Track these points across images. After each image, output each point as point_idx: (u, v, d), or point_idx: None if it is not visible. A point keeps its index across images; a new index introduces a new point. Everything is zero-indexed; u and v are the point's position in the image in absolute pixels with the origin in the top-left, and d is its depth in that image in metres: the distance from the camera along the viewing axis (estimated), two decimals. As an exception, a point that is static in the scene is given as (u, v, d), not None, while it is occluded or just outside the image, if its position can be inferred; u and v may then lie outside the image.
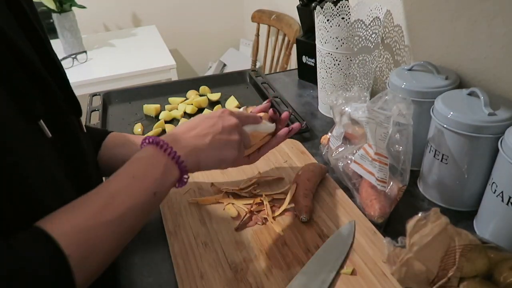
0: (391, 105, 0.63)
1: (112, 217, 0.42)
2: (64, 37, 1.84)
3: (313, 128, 0.96)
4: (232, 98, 1.09)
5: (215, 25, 2.53)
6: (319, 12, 0.93)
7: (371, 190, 0.68)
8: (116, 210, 0.43)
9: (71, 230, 0.39)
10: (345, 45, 0.88)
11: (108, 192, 0.44)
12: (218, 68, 2.49)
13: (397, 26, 0.96)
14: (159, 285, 0.59)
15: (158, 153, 0.48)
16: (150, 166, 0.47)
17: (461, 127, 0.62)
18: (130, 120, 1.03)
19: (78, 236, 0.39)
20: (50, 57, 0.50)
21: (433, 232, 0.48)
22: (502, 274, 0.48)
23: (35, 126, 0.43)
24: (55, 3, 1.74)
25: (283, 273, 0.57)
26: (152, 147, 0.49)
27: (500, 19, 0.70)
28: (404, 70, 0.79)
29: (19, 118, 0.40)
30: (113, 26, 2.34)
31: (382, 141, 0.64)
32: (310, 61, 1.17)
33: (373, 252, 0.59)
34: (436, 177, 0.70)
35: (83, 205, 0.42)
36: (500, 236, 0.61)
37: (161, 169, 0.47)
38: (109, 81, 1.73)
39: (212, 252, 0.61)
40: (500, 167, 0.59)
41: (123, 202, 0.44)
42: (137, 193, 0.45)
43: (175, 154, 0.49)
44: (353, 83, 0.94)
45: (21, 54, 0.41)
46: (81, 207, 0.42)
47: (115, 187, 0.45)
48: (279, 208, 0.68)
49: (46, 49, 0.49)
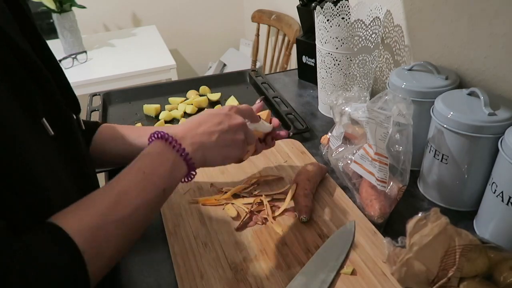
0: (391, 105, 0.63)
1: (124, 213, 0.43)
2: (64, 37, 1.84)
3: (313, 128, 0.96)
4: (232, 98, 1.09)
5: (215, 25, 2.53)
6: (319, 12, 0.93)
7: (371, 190, 0.67)
8: (127, 206, 0.44)
9: (85, 227, 0.40)
10: (345, 45, 0.88)
11: (119, 188, 0.45)
12: (218, 68, 2.49)
13: (397, 26, 0.96)
14: (159, 285, 0.59)
15: (167, 149, 0.49)
16: (159, 162, 0.48)
17: (461, 127, 0.62)
18: (130, 120, 1.03)
19: (92, 233, 0.40)
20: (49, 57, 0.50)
21: (433, 232, 0.48)
22: (502, 274, 0.48)
23: (38, 124, 0.43)
24: (55, 3, 1.74)
25: (283, 273, 0.57)
26: (161, 142, 0.50)
27: (500, 19, 0.70)
28: (404, 70, 0.79)
29: (24, 116, 0.40)
30: (113, 26, 2.34)
31: (382, 141, 0.64)
32: (310, 61, 1.17)
33: (373, 252, 0.59)
34: (436, 177, 0.70)
35: (95, 202, 0.43)
36: (500, 236, 0.61)
37: (169, 166, 0.48)
38: (109, 81, 1.73)
39: (212, 252, 0.61)
40: (500, 167, 0.59)
41: (134, 198, 0.45)
42: (148, 189, 0.46)
43: (183, 150, 0.49)
44: (353, 83, 0.94)
45: (22, 53, 0.42)
46: (94, 204, 0.43)
47: (126, 183, 0.46)
48: (279, 208, 0.68)
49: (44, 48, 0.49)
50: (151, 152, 0.49)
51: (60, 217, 0.41)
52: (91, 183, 0.57)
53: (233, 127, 0.55)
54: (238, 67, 2.06)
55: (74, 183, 0.48)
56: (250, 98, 1.12)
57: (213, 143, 0.53)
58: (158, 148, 0.49)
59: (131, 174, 0.47)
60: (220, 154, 0.54)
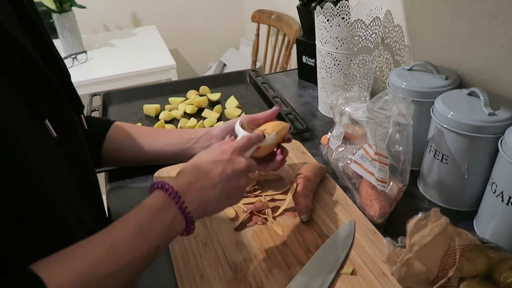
0: (391, 105, 0.63)
1: (112, 269, 0.41)
2: (64, 37, 1.84)
3: (313, 128, 0.96)
4: (232, 98, 1.09)
5: (215, 25, 2.53)
6: (319, 12, 0.93)
7: (371, 190, 0.68)
8: (117, 261, 0.41)
9: (68, 282, 0.37)
10: (345, 45, 0.88)
11: (111, 239, 0.42)
12: (218, 68, 2.49)
13: (397, 26, 0.96)
14: (159, 285, 0.59)
15: (168, 205, 0.47)
16: (158, 218, 0.46)
17: (461, 127, 0.62)
18: (130, 120, 1.03)
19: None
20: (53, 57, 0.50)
21: (433, 232, 0.48)
22: (502, 274, 0.48)
23: (40, 125, 0.42)
24: (55, 3, 1.74)
25: (283, 273, 0.57)
26: (162, 194, 0.47)
27: (500, 19, 0.70)
28: (404, 70, 0.79)
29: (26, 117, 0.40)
30: (113, 26, 2.34)
31: (382, 141, 0.64)
32: (310, 61, 1.17)
33: (373, 252, 0.59)
34: (436, 177, 0.70)
35: (84, 253, 0.40)
36: (500, 236, 0.61)
37: (168, 222, 0.46)
38: (109, 81, 1.73)
39: (212, 252, 0.61)
40: (500, 167, 0.58)
41: (125, 253, 0.42)
42: (141, 245, 0.44)
43: (185, 208, 0.47)
44: (353, 83, 0.94)
45: (26, 53, 0.41)
46: (81, 255, 0.40)
47: (119, 235, 0.43)
48: (279, 208, 0.68)
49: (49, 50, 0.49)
50: (152, 205, 0.47)
51: (42, 266, 0.38)
52: (91, 183, 0.57)
53: (237, 172, 0.53)
54: (238, 67, 2.06)
55: (75, 184, 0.48)
56: (250, 98, 1.12)
57: (215, 197, 0.51)
58: (159, 202, 0.47)
59: (127, 226, 0.44)
60: (221, 206, 0.54)
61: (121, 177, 0.80)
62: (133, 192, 0.77)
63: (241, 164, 0.54)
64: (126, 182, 0.80)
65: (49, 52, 0.49)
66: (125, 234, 0.43)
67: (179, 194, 0.48)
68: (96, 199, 0.59)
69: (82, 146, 0.55)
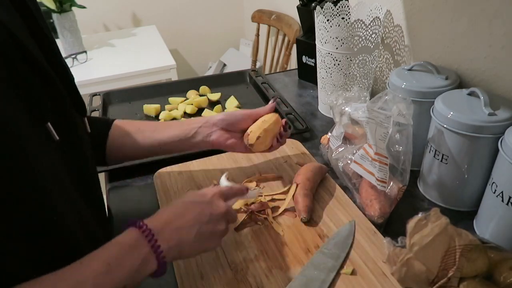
0: (391, 105, 0.63)
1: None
2: (64, 37, 1.84)
3: (313, 128, 0.96)
4: (232, 98, 1.09)
5: (215, 25, 2.53)
6: (319, 12, 0.93)
7: (371, 190, 0.68)
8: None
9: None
10: (345, 45, 0.88)
11: (78, 276, 0.40)
12: (218, 68, 2.49)
13: (397, 26, 0.96)
14: (159, 285, 0.58)
15: (140, 243, 0.45)
16: (128, 256, 0.44)
17: (461, 127, 0.62)
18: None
19: None
20: (57, 58, 0.50)
21: (433, 232, 0.48)
22: (502, 274, 0.48)
23: (42, 129, 0.42)
24: (55, 3, 1.74)
25: (283, 273, 0.57)
26: (135, 232, 0.46)
27: (500, 19, 0.70)
28: (404, 70, 0.79)
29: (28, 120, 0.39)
30: (113, 26, 2.34)
31: (382, 141, 0.64)
32: (310, 61, 1.17)
33: (373, 252, 0.59)
34: (436, 177, 0.70)
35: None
36: (500, 236, 0.61)
37: (139, 262, 0.44)
38: (109, 81, 1.73)
39: (212, 252, 0.61)
40: (500, 167, 0.58)
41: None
42: (107, 283, 0.41)
43: (158, 247, 0.45)
44: (353, 83, 0.94)
45: (30, 56, 0.41)
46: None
47: (87, 273, 0.41)
48: (279, 208, 0.68)
49: (53, 51, 0.49)
50: (122, 242, 0.45)
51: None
52: (92, 184, 0.57)
53: (215, 216, 0.52)
54: (238, 67, 2.06)
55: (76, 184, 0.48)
56: (250, 98, 1.12)
57: (191, 238, 0.49)
58: (131, 239, 0.45)
59: (95, 263, 0.42)
60: (196, 250, 0.52)
61: (121, 176, 0.81)
62: (133, 191, 0.77)
63: (220, 209, 0.53)
64: (126, 181, 0.80)
65: (53, 52, 0.49)
66: (92, 272, 0.41)
67: (152, 232, 0.46)
68: (96, 199, 0.59)
69: (84, 147, 0.55)
